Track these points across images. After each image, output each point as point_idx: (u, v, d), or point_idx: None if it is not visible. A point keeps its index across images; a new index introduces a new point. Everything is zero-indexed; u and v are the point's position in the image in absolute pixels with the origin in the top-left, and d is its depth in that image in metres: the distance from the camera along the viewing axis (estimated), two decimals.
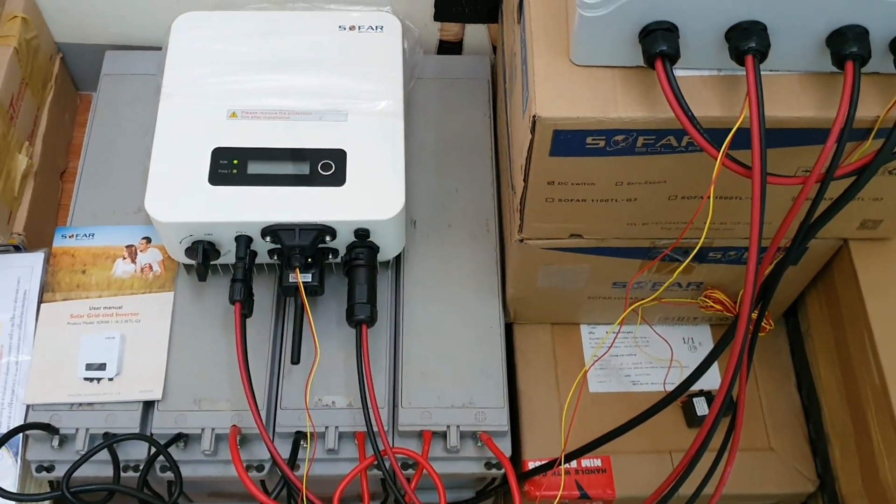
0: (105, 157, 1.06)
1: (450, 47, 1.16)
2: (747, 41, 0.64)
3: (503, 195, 1.03)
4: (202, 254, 0.90)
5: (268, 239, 0.90)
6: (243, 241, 0.90)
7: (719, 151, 0.64)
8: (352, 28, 1.00)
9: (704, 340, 1.04)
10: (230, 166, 0.91)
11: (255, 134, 0.93)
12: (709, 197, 0.66)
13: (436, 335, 0.96)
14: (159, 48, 1.08)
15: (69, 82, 1.18)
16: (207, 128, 0.93)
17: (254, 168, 0.91)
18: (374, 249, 0.92)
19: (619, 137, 0.71)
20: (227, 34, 0.99)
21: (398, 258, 0.99)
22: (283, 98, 0.95)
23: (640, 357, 1.02)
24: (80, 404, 0.90)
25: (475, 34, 1.15)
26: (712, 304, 0.94)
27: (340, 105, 0.95)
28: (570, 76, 0.71)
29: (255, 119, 0.94)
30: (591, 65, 0.72)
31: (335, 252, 0.92)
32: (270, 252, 0.91)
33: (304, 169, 0.91)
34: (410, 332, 0.96)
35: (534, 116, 0.70)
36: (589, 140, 0.72)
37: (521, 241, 0.86)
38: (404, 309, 0.98)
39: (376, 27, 1.00)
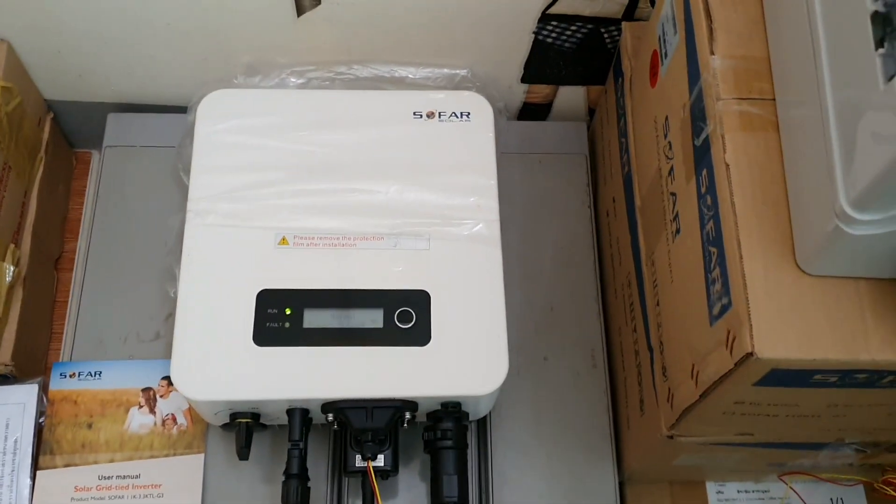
0: (111, 259, 0.84)
1: (535, 110, 0.93)
2: None
3: (612, 312, 0.82)
4: (245, 433, 0.69)
5: (329, 416, 0.69)
6: (298, 418, 0.69)
7: None
8: (430, 115, 0.77)
9: (857, 503, 0.84)
10: (281, 317, 0.69)
11: (312, 269, 0.71)
12: None
13: None
14: (172, 108, 0.86)
15: (62, 143, 0.95)
16: (250, 261, 0.71)
17: (312, 319, 0.70)
18: (464, 418, 0.72)
19: (862, 376, 0.51)
20: (269, 123, 0.76)
21: None
22: (345, 216, 0.73)
23: None
24: None
25: (569, 94, 0.92)
26: (893, 491, 0.74)
27: (420, 227, 0.73)
28: (799, 293, 0.50)
29: (311, 247, 0.72)
30: (830, 275, 0.50)
31: (413, 413, 0.71)
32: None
33: (377, 320, 0.70)
34: None
35: (748, 355, 0.49)
36: (817, 377, 0.51)
37: (671, 437, 0.66)
38: (493, 476, 0.77)
39: (461, 114, 0.78)
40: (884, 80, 0.42)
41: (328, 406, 0.68)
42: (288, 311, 0.69)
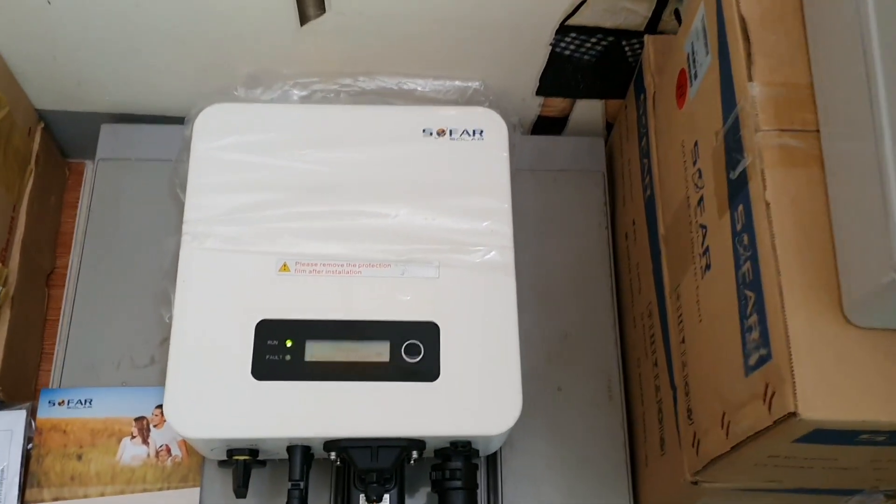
0: (103, 280, 0.80)
1: (550, 124, 0.89)
2: None
3: (629, 341, 0.78)
4: (242, 471, 0.65)
5: (332, 454, 0.65)
6: (299, 456, 0.65)
7: None
8: (441, 133, 0.73)
9: None
10: (281, 350, 0.65)
11: (315, 298, 0.67)
12: None
13: None
14: (170, 119, 0.82)
15: (54, 154, 0.91)
16: (249, 289, 0.67)
17: (314, 352, 0.66)
18: (474, 456, 0.68)
19: None
20: (269, 140, 0.72)
21: None
22: (350, 241, 0.69)
23: None
24: None
25: (586, 108, 0.87)
26: None
27: (429, 253, 0.69)
28: (847, 348, 0.46)
29: (313, 274, 0.68)
30: (881, 327, 0.46)
31: (421, 452, 0.67)
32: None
33: (383, 353, 0.66)
34: None
35: (790, 414, 0.45)
36: (864, 437, 0.47)
37: (695, 483, 0.61)
38: None
39: (474, 132, 0.73)
40: None
41: (331, 444, 0.64)
42: (289, 344, 0.65)
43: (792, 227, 0.49)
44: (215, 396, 0.64)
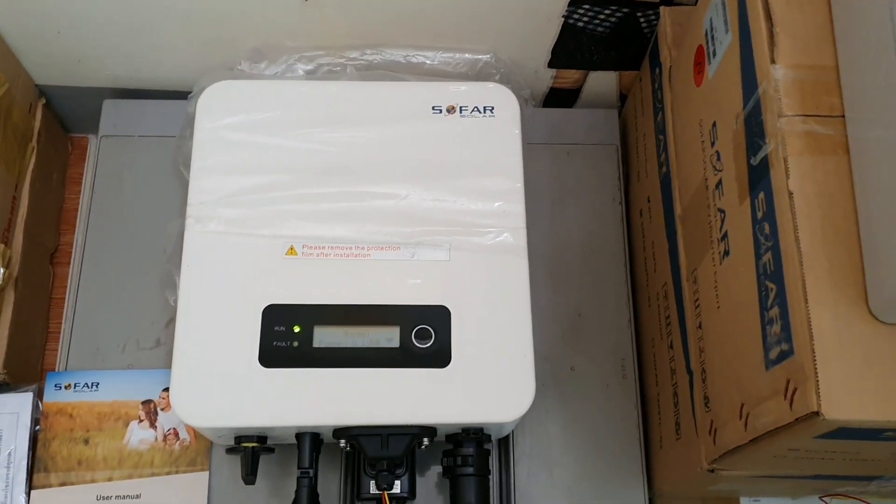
0: (108, 261, 0.79)
1: (563, 96, 0.87)
2: None
3: (643, 319, 0.77)
4: (250, 458, 0.65)
5: (342, 442, 0.64)
6: (308, 444, 0.64)
7: None
8: (451, 110, 0.71)
9: None
10: (289, 336, 0.64)
11: (323, 282, 0.66)
12: None
13: None
14: (173, 94, 0.80)
15: (56, 129, 0.89)
16: (255, 273, 0.65)
17: (322, 338, 0.64)
18: (486, 441, 0.67)
19: None
20: (275, 119, 0.70)
21: None
22: (358, 223, 0.67)
23: None
24: None
25: (599, 79, 0.85)
26: None
27: (440, 235, 0.67)
28: (873, 345, 0.45)
29: (321, 258, 0.66)
30: None
31: (432, 439, 0.66)
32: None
33: (393, 339, 0.64)
34: None
35: (813, 413, 0.43)
36: (889, 434, 0.45)
37: (712, 470, 0.60)
38: (515, 494, 0.73)
39: (485, 109, 0.71)
40: None
41: (340, 432, 0.63)
42: (297, 329, 0.64)
43: (816, 218, 0.47)
44: (222, 385, 0.63)
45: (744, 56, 0.53)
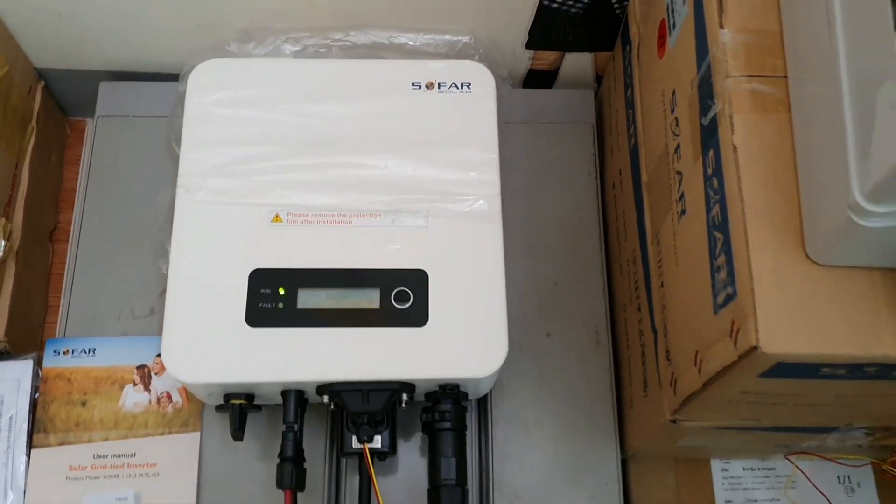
0: (104, 234, 0.82)
1: (541, 77, 0.90)
2: None
3: (616, 288, 0.80)
4: (238, 414, 0.68)
5: (325, 398, 0.67)
6: (293, 400, 0.68)
7: None
8: (430, 86, 0.74)
9: (864, 481, 0.83)
10: (274, 298, 0.67)
11: (307, 247, 0.69)
12: None
13: (537, 490, 0.75)
14: (166, 75, 0.83)
15: (55, 112, 0.93)
16: (243, 239, 0.69)
17: (306, 300, 0.68)
18: (463, 399, 0.70)
19: (872, 370, 0.48)
20: (262, 95, 0.74)
21: None
22: (341, 192, 0.71)
23: (784, 503, 0.81)
24: None
25: (576, 60, 0.88)
26: None
27: (418, 203, 0.71)
28: (808, 285, 0.48)
29: (305, 224, 0.70)
30: (842, 265, 0.48)
31: (411, 395, 0.70)
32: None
33: (374, 300, 0.68)
34: (503, 487, 0.75)
35: (752, 349, 0.47)
36: (826, 370, 0.49)
37: (674, 421, 0.64)
38: (493, 453, 0.76)
39: (462, 85, 0.75)
40: None
41: (323, 388, 0.67)
42: (281, 292, 0.68)
43: (759, 170, 0.50)
44: (211, 343, 0.66)
45: (697, 25, 0.57)
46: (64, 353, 0.78)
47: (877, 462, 0.76)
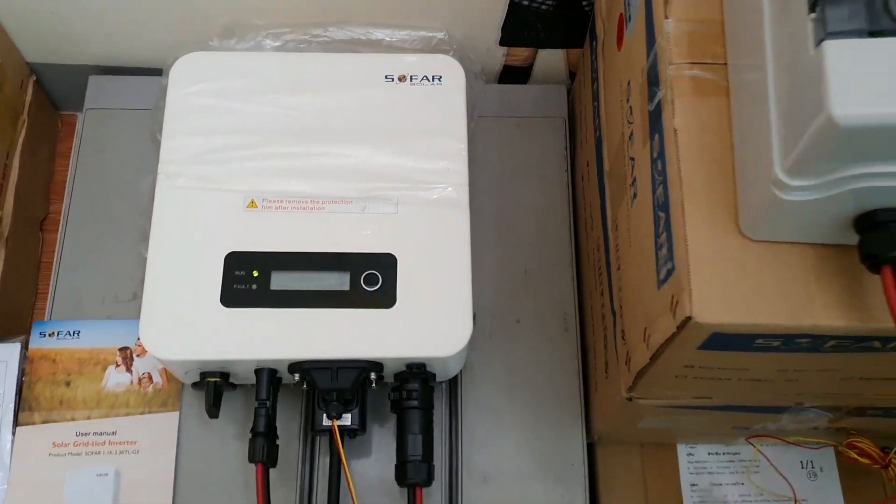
0: (90, 221, 0.85)
1: (515, 73, 0.93)
2: None
3: (585, 276, 0.83)
4: (213, 393, 0.71)
5: (296, 376, 0.70)
6: (266, 378, 0.70)
7: None
8: (402, 79, 0.77)
9: (827, 466, 0.85)
10: (248, 279, 0.70)
11: (280, 232, 0.72)
12: None
13: (505, 473, 0.78)
14: (152, 70, 0.87)
15: (46, 106, 0.96)
16: (219, 223, 0.72)
17: (279, 282, 0.70)
18: (430, 379, 0.73)
19: (805, 341, 0.51)
20: (240, 86, 0.77)
21: None
22: (314, 180, 0.74)
23: (748, 487, 0.83)
24: None
25: (549, 57, 0.91)
26: (856, 455, 0.75)
27: (388, 191, 0.73)
28: (741, 259, 0.50)
29: (279, 210, 0.73)
30: (773, 240, 0.50)
31: (380, 375, 0.72)
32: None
33: (344, 282, 0.70)
34: (472, 469, 0.77)
35: (687, 318, 0.49)
36: (760, 342, 0.51)
37: (630, 399, 0.66)
38: (462, 437, 0.78)
39: (433, 78, 0.78)
40: (813, 45, 0.41)
41: (294, 366, 0.69)
42: (255, 274, 0.70)
43: (698, 151, 0.53)
44: (187, 322, 0.69)
45: (647, 16, 0.59)
46: (49, 335, 0.81)
47: (836, 445, 0.77)
